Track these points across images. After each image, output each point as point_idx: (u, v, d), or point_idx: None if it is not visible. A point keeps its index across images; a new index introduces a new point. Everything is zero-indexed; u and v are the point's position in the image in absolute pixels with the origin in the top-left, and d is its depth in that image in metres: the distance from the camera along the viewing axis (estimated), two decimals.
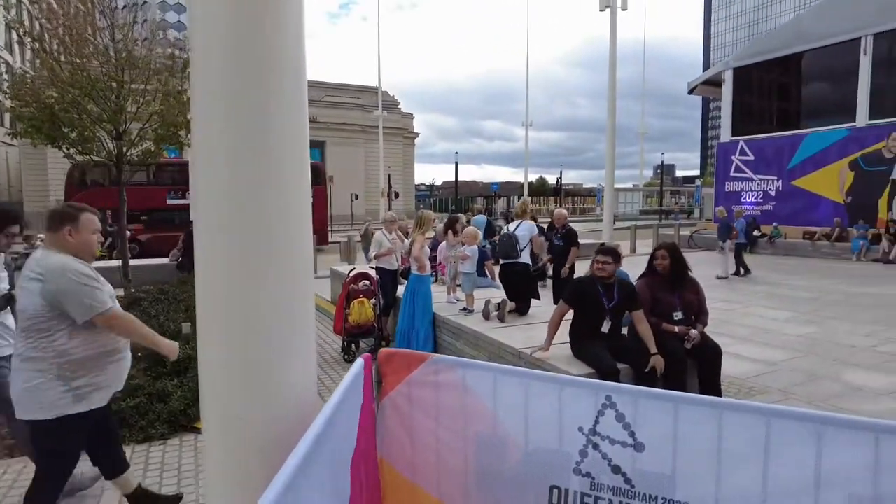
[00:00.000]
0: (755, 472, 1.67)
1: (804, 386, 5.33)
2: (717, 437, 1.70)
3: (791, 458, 1.62)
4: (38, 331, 2.51)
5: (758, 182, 20.83)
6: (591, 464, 1.89)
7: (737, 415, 1.69)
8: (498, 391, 2.04)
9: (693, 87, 24.50)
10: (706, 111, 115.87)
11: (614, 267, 4.18)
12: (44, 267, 2.52)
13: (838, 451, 1.57)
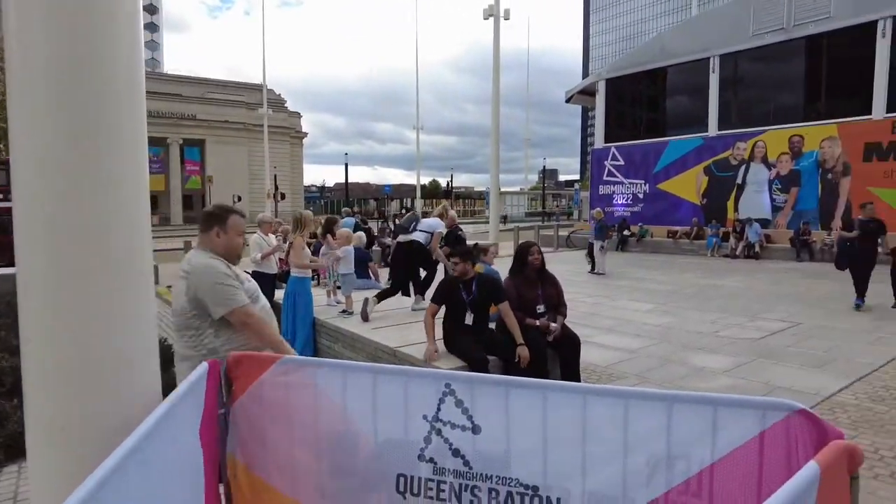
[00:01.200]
0: (576, 445, 1.85)
1: (657, 370, 5.88)
2: (542, 417, 1.87)
3: (604, 429, 1.82)
4: (188, 328, 2.59)
5: (628, 186, 22.58)
6: (434, 449, 1.99)
7: (560, 395, 1.87)
8: (348, 387, 2.08)
9: (570, 95, 26.05)
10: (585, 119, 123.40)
11: (464, 266, 4.39)
12: (191, 266, 2.61)
13: (641, 420, 1.78)
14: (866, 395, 4.94)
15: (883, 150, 16.24)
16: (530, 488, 1.90)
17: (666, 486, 1.78)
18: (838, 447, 1.45)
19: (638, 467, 1.81)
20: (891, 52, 16.10)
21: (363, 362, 2.39)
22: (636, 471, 1.81)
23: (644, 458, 1.79)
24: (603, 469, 1.84)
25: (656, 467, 1.78)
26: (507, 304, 4.33)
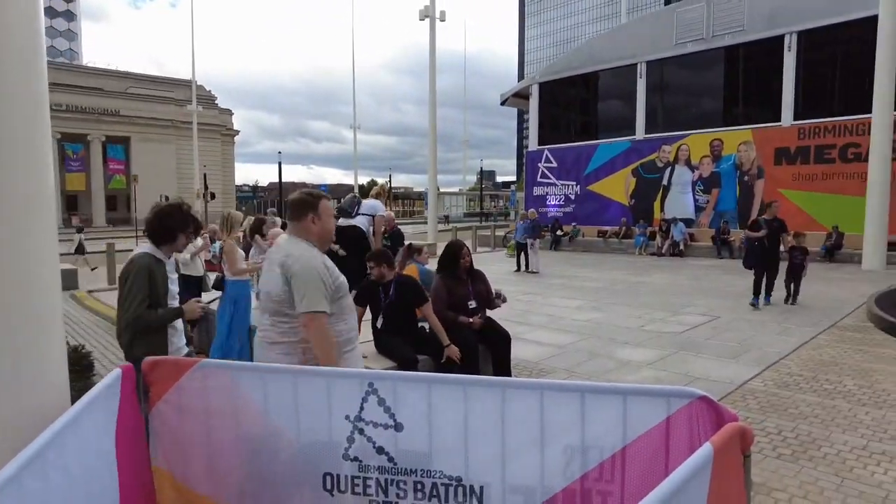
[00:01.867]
0: (496, 437, 1.91)
1: (585, 364, 6.08)
2: (464, 411, 1.91)
3: (522, 422, 1.88)
4: (283, 314, 2.57)
5: (560, 187, 23.22)
6: (358, 448, 2.00)
7: (480, 389, 1.92)
8: (268, 390, 2.06)
9: (505, 98, 26.51)
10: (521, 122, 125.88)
11: (380, 270, 4.41)
12: (290, 256, 2.57)
13: (557, 411, 1.86)
14: (774, 381, 5.31)
15: (791, 155, 17.46)
16: (454, 479, 1.94)
17: (580, 472, 1.87)
18: (732, 429, 1.56)
19: (555, 456, 1.88)
20: (796, 65, 17.33)
21: (288, 365, 2.35)
22: (553, 460, 1.88)
23: (560, 447, 1.86)
24: (522, 459, 1.90)
25: (572, 456, 1.86)
26: (430, 307, 4.36)
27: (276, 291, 2.59)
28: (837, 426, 4.22)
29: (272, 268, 2.63)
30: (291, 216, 2.76)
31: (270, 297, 2.62)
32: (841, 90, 16.98)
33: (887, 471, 3.51)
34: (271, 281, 2.62)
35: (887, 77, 12.80)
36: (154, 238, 2.99)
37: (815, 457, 3.71)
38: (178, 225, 3.00)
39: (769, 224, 8.68)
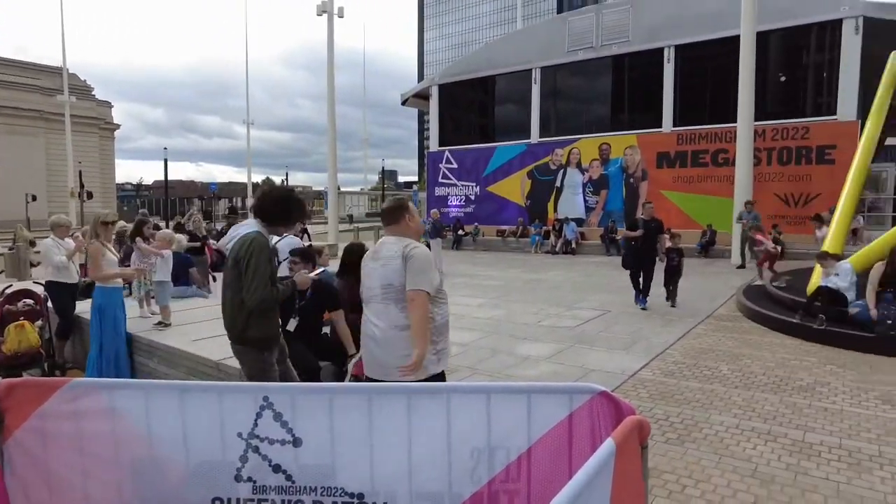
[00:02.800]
0: (402, 446, 1.85)
1: (487, 361, 6.18)
2: (368, 422, 1.84)
3: (430, 427, 1.85)
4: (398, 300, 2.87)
5: (461, 188, 23.60)
6: (252, 468, 1.87)
7: (385, 398, 1.86)
8: (151, 409, 1.87)
9: (405, 98, 26.52)
10: (421, 122, 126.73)
11: (303, 267, 4.23)
12: (407, 244, 2.93)
13: (463, 415, 1.84)
14: (661, 370, 5.68)
15: (671, 159, 18.89)
16: (356, 496, 1.86)
17: (488, 476, 1.86)
18: (631, 423, 1.61)
19: (462, 461, 1.86)
20: (675, 76, 18.78)
21: (173, 380, 2.15)
22: (461, 465, 1.86)
23: (468, 450, 1.85)
24: (429, 467, 1.86)
25: (479, 459, 1.85)
26: (342, 313, 4.23)
27: (399, 281, 2.90)
28: (715, 408, 4.59)
29: (390, 262, 2.93)
30: (389, 220, 3.10)
31: (394, 287, 2.92)
32: (712, 101, 18.60)
33: (756, 445, 3.86)
34: (392, 274, 2.92)
35: (748, 91, 14.19)
36: (270, 219, 3.16)
37: (697, 438, 4.00)
38: (297, 208, 3.23)
39: (646, 224, 8.68)
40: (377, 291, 2.99)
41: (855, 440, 3.93)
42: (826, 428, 4.15)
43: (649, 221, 8.75)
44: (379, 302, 2.99)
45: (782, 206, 16.80)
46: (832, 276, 7.09)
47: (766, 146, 16.83)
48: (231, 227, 8.89)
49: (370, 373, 3.02)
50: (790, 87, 18.03)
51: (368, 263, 3.10)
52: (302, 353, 4.12)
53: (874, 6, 15.62)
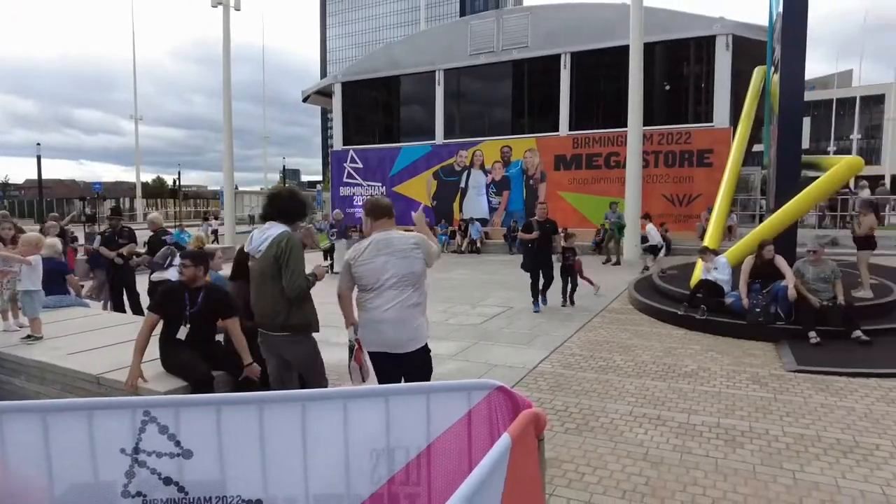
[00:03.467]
0: (297, 452, 1.78)
1: None
2: (259, 430, 1.75)
3: (325, 432, 1.78)
4: (421, 283, 3.47)
5: (366, 188, 23.36)
6: (140, 483, 1.72)
7: (277, 406, 1.77)
8: (5, 435, 1.66)
9: (307, 96, 25.86)
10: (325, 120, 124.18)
11: (194, 271, 3.98)
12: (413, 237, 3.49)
13: (361, 417, 1.79)
14: (560, 363, 5.91)
15: (567, 161, 19.78)
16: (253, 502, 1.77)
17: (388, 476, 1.83)
18: (527, 416, 1.64)
19: (361, 463, 1.82)
20: (570, 82, 19.69)
21: (31, 400, 1.94)
22: (359, 467, 1.81)
23: (366, 453, 1.80)
24: (327, 470, 1.80)
25: (378, 460, 1.81)
26: (237, 321, 3.98)
27: (419, 268, 3.43)
28: (610, 397, 4.84)
29: (408, 254, 3.39)
30: (380, 215, 3.50)
31: (415, 274, 3.41)
32: (605, 106, 19.69)
33: (647, 430, 4.11)
34: (412, 264, 3.40)
35: (637, 98, 15.15)
36: (289, 216, 3.67)
37: (594, 427, 4.19)
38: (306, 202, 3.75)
39: (541, 226, 8.55)
40: (392, 281, 3.36)
41: (730, 419, 4.29)
42: (707, 409, 4.50)
43: (544, 222, 8.65)
44: (393, 288, 3.37)
45: (669, 205, 18.11)
46: (712, 269, 7.71)
47: (654, 150, 18.06)
48: (113, 228, 8.24)
49: (382, 348, 3.43)
50: (673, 95, 19.47)
51: (377, 256, 3.36)
52: (193, 363, 3.87)
53: (742, 26, 17.23)
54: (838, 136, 51.33)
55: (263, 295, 3.60)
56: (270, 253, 3.52)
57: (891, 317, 7.16)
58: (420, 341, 3.47)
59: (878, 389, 4.88)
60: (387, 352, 3.44)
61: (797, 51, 8.23)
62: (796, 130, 8.60)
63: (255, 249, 3.63)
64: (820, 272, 6.75)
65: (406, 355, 3.44)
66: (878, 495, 3.18)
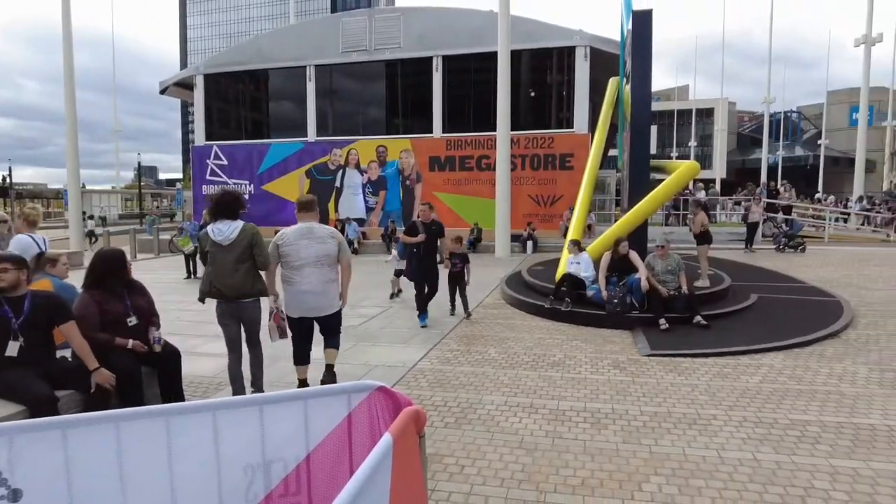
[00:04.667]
0: (162, 472, 1.62)
1: (267, 370, 5.82)
2: (116, 452, 1.57)
3: (194, 449, 1.64)
4: (335, 264, 4.72)
5: (232, 186, 22.11)
6: None
7: (136, 423, 1.60)
8: None
9: (165, 87, 23.93)
10: (185, 114, 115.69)
11: (16, 275, 3.49)
12: (329, 231, 4.75)
13: (233, 430, 1.68)
14: (438, 359, 6.00)
15: (442, 163, 20.18)
16: None
17: (265, 491, 1.73)
18: (407, 415, 1.63)
19: (235, 480, 1.70)
20: (443, 84, 20.10)
21: None
22: (233, 485, 1.70)
23: (240, 468, 1.69)
24: (195, 492, 1.66)
25: (254, 476, 1.71)
26: (73, 326, 3.54)
27: (335, 252, 4.66)
28: (486, 389, 4.99)
29: (326, 241, 4.63)
30: (309, 209, 4.75)
31: (331, 256, 4.65)
32: (475, 110, 20.34)
33: (521, 419, 4.30)
34: (329, 248, 4.64)
35: (505, 103, 15.83)
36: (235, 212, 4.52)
37: (472, 419, 4.31)
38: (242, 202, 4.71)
39: (427, 228, 7.71)
40: (312, 259, 4.58)
41: (595, 402, 4.62)
42: (574, 395, 4.80)
43: (429, 224, 7.78)
44: (314, 266, 4.58)
45: (535, 206, 19.14)
46: (574, 264, 8.26)
47: (521, 153, 19.00)
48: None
49: (305, 313, 4.69)
50: (538, 101, 20.62)
51: (300, 240, 4.59)
52: (28, 382, 3.38)
53: (598, 39, 18.68)
54: (679, 143, 57.55)
55: (237, 271, 4.41)
56: (244, 239, 4.42)
57: (724, 302, 8.14)
58: (335, 307, 4.79)
59: (714, 367, 5.52)
60: (309, 316, 4.70)
61: (644, 65, 9.09)
62: (646, 137, 9.50)
63: (226, 239, 4.41)
64: (667, 265, 7.50)
65: (324, 317, 4.76)
66: (715, 458, 3.59)
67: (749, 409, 4.41)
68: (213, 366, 5.93)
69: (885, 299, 8.60)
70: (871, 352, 5.99)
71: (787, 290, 9.24)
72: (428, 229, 7.74)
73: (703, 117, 60.77)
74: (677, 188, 10.17)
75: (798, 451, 3.69)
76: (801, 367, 5.51)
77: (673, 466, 3.50)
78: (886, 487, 3.23)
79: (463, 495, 3.20)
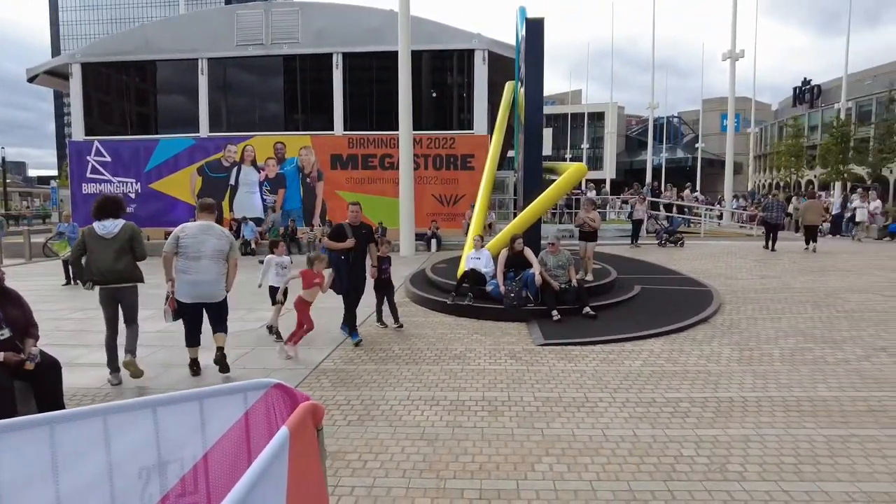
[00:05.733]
0: (46, 484, 1.57)
1: (162, 377, 5.59)
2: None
3: (82, 455, 1.60)
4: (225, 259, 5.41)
5: (117, 185, 20.58)
6: None
7: (15, 434, 1.54)
8: None
9: (34, 75, 21.76)
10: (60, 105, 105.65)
11: None
12: (223, 232, 5.48)
13: (124, 434, 1.65)
14: (341, 359, 6.01)
15: (344, 161, 19.97)
16: None
17: (161, 493, 1.72)
18: (304, 409, 1.69)
19: (129, 484, 1.68)
20: (343, 82, 19.87)
21: None
22: (127, 488, 1.67)
23: (134, 471, 1.67)
24: (87, 499, 1.62)
25: (149, 477, 1.69)
26: None
27: (227, 250, 5.42)
28: (390, 385, 5.09)
29: (222, 238, 5.40)
30: (210, 210, 5.55)
31: (223, 252, 5.38)
32: (377, 108, 20.30)
33: (423, 412, 4.43)
34: (221, 244, 5.37)
35: (406, 102, 15.97)
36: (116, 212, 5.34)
37: (375, 415, 4.38)
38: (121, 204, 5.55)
39: (356, 232, 6.72)
40: (210, 252, 5.29)
41: (493, 391, 4.85)
42: (473, 386, 5.01)
43: (358, 227, 6.79)
44: (211, 259, 5.30)
45: (438, 205, 19.45)
46: (475, 259, 8.55)
47: (423, 153, 19.23)
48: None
49: (197, 299, 5.37)
50: (439, 102, 20.95)
51: (201, 234, 5.28)
52: None
53: (495, 43, 19.29)
54: (573, 145, 60.60)
55: (118, 261, 5.17)
56: (125, 234, 5.22)
57: (611, 294, 8.77)
58: (224, 295, 5.52)
59: (601, 353, 5.97)
60: (201, 302, 5.39)
61: (537, 70, 9.56)
62: (539, 139, 9.99)
63: (109, 233, 5.19)
64: (558, 260, 7.97)
65: (215, 304, 5.47)
66: (600, 437, 3.92)
67: (631, 391, 4.83)
68: (97, 377, 5.57)
69: (745, 287, 9.65)
70: (734, 334, 6.73)
71: (667, 281, 10.12)
72: (358, 233, 6.73)
73: (595, 121, 64.45)
74: (567, 189, 10.79)
75: (671, 425, 4.11)
76: (677, 350, 6.09)
77: (563, 447, 3.77)
78: (737, 449, 3.70)
79: (366, 489, 3.27)
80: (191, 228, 5.31)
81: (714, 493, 3.16)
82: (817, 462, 3.51)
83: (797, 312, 7.74)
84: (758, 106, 54.92)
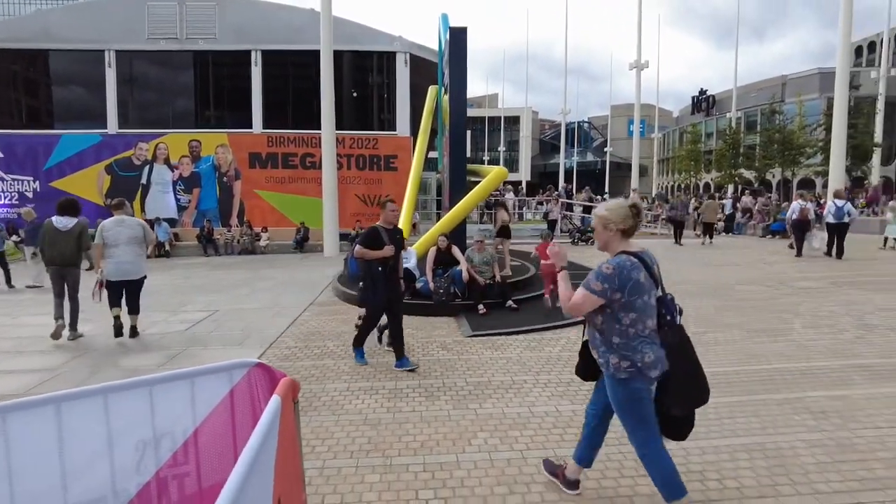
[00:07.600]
0: (51, 459, 1.73)
1: (92, 380, 5.47)
2: (3, 443, 1.65)
3: (83, 432, 1.77)
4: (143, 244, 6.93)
5: (11, 182, 19.09)
6: None
7: (20, 413, 1.69)
8: None
9: None
10: None
11: None
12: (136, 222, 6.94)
13: (123, 411, 1.84)
14: (277, 357, 6.13)
15: (263, 160, 19.61)
16: None
17: (156, 465, 1.91)
18: (286, 382, 1.95)
19: (126, 457, 1.86)
20: (262, 79, 19.51)
21: None
22: (124, 461, 1.86)
23: (132, 445, 1.86)
24: (89, 472, 1.80)
25: (145, 451, 1.88)
26: None
27: (141, 235, 6.83)
28: (328, 378, 5.30)
29: (135, 227, 6.80)
30: (120, 207, 6.93)
31: (138, 238, 6.79)
32: (298, 107, 20.09)
33: (364, 400, 4.70)
34: (136, 232, 6.78)
35: (329, 102, 16.00)
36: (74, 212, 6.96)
37: (318, 406, 4.60)
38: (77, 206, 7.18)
39: (391, 236, 5.60)
40: (125, 240, 6.66)
41: (428, 379, 5.20)
42: (409, 375, 5.33)
43: (392, 232, 5.68)
44: (126, 245, 6.67)
45: (362, 205, 19.55)
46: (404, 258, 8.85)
47: (346, 153, 19.27)
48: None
49: (121, 277, 6.70)
50: (361, 103, 21.04)
51: (115, 227, 6.65)
52: None
53: (417, 47, 19.67)
54: (490, 148, 62.20)
55: (69, 248, 6.84)
56: (76, 229, 6.86)
57: (531, 288, 9.36)
58: (143, 273, 6.93)
59: (524, 342, 6.46)
60: (124, 279, 6.72)
61: (460, 77, 9.99)
62: (463, 146, 10.45)
63: (64, 227, 6.80)
64: (483, 258, 8.44)
65: (134, 281, 6.84)
66: (527, 413, 4.36)
67: (552, 374, 5.33)
68: (18, 383, 5.40)
69: None
70: None
71: (581, 276, 10.79)
72: (393, 238, 5.60)
73: (511, 124, 66.43)
74: (489, 190, 11.33)
75: (586, 400, 4.61)
76: None
77: (495, 423, 4.18)
78: None
79: (317, 469, 3.51)
80: (109, 223, 6.73)
81: (627, 454, 3.67)
82: (708, 424, 4.12)
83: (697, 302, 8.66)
84: (661, 113, 58.93)
